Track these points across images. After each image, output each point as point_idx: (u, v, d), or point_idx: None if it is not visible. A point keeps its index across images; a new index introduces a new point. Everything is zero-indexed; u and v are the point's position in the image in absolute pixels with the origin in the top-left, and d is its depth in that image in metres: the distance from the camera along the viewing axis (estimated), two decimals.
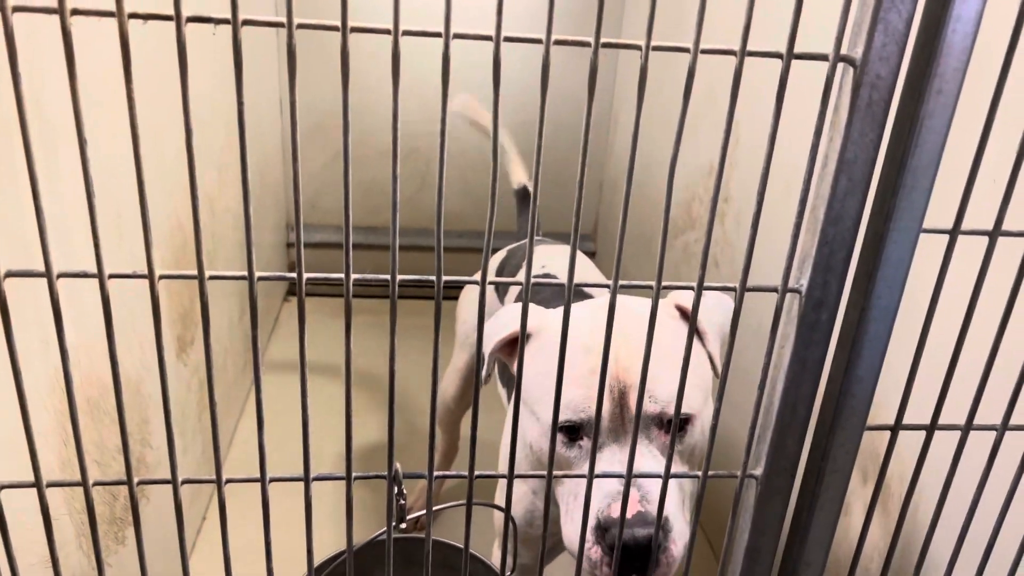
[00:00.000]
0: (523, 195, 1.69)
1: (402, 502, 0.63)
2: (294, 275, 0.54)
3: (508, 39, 0.48)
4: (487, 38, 0.48)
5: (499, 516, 1.08)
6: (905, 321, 0.70)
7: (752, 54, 0.51)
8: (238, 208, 1.97)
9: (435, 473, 0.61)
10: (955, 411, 0.67)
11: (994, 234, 0.58)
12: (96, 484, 0.60)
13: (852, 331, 0.60)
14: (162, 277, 0.54)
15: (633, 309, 0.89)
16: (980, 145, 0.55)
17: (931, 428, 0.65)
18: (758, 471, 0.65)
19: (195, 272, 0.54)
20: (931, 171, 0.55)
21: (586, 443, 0.87)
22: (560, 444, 0.88)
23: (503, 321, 0.95)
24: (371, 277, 0.56)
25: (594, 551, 0.82)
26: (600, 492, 0.82)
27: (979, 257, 0.59)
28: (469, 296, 1.52)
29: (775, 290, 0.59)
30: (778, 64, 0.51)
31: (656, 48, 0.50)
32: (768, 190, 0.55)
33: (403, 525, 0.63)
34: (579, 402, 0.85)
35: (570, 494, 0.88)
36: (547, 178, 2.59)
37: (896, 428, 0.65)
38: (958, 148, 0.64)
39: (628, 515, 0.79)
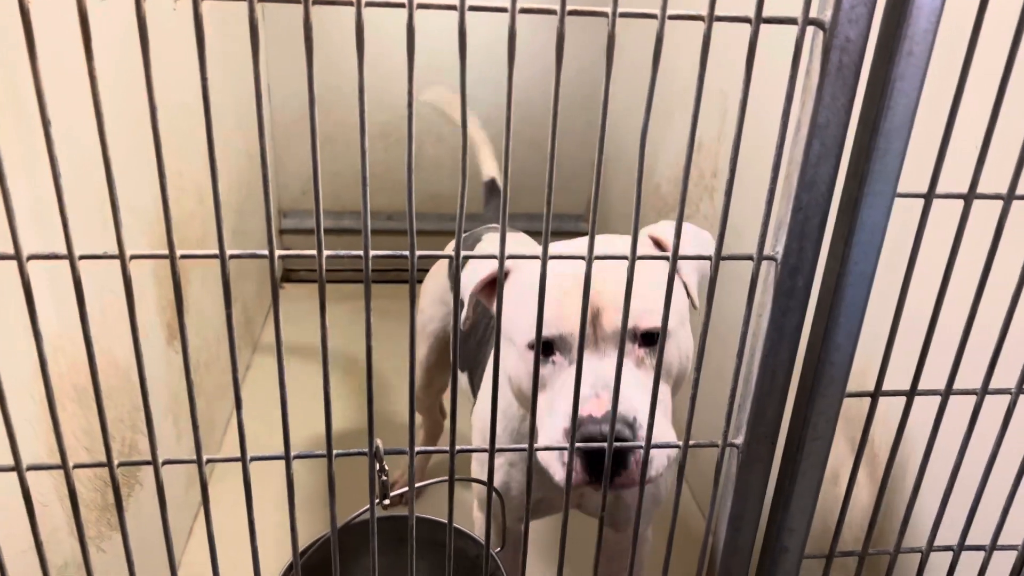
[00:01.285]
0: (491, 188, 1.71)
1: (384, 478, 0.63)
2: (265, 252, 0.54)
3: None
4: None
5: (476, 488, 1.08)
6: (885, 287, 0.70)
7: (720, 19, 0.51)
8: (228, 196, 1.97)
9: (416, 448, 0.61)
10: (937, 375, 0.67)
11: (969, 197, 0.58)
12: (77, 467, 0.60)
13: (829, 297, 0.60)
14: (133, 257, 0.54)
15: (609, 243, 0.92)
16: (953, 107, 0.55)
17: (911, 393, 0.65)
18: (739, 440, 0.66)
19: (167, 252, 0.54)
20: (904, 134, 0.55)
21: (559, 358, 0.88)
22: (531, 360, 0.89)
23: (480, 265, 0.98)
24: (344, 254, 0.56)
25: (566, 455, 0.81)
26: (569, 399, 0.83)
27: (955, 220, 0.59)
28: (429, 286, 1.57)
29: (751, 258, 0.59)
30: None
31: (623, 15, 0.49)
32: (751, 159, 0.55)
33: (386, 502, 0.64)
34: (552, 320, 0.86)
35: (544, 411, 0.88)
36: (538, 157, 2.58)
37: (876, 394, 0.65)
38: (931, 111, 0.64)
39: (597, 414, 0.79)
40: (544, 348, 0.88)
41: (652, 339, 0.87)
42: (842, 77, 0.53)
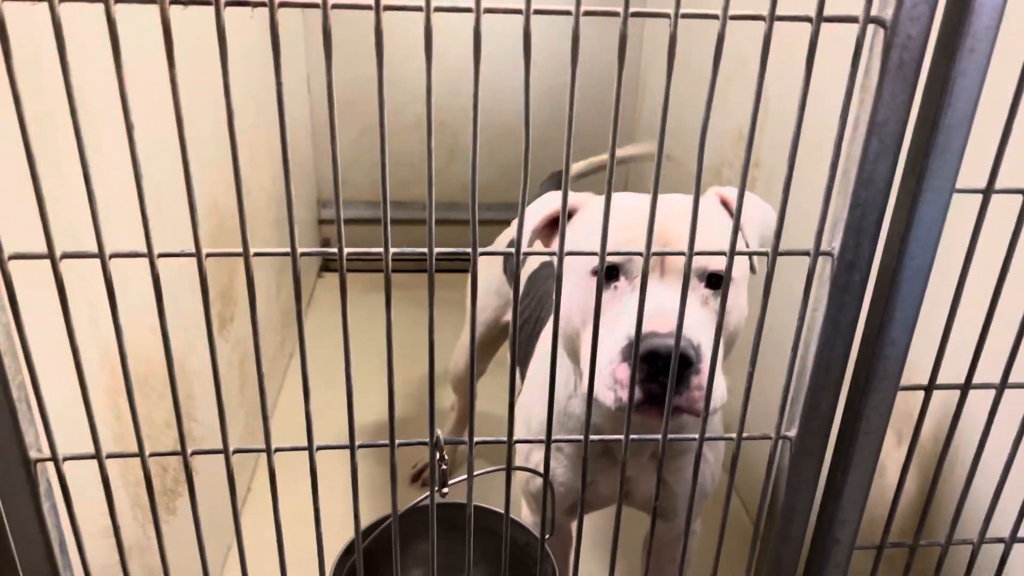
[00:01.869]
0: (554, 181, 1.73)
1: (443, 467, 0.65)
2: (334, 250, 0.56)
3: (538, 11, 0.49)
4: (517, 11, 0.49)
5: (519, 478, 1.09)
6: (939, 282, 0.70)
7: (781, 18, 0.51)
8: (271, 187, 2.00)
9: (475, 439, 0.63)
10: (990, 370, 0.67)
11: None
12: (152, 455, 0.63)
13: (885, 293, 0.61)
14: (209, 255, 0.56)
15: (675, 198, 0.92)
16: (1013, 103, 0.55)
17: (965, 387, 0.65)
18: (792, 432, 0.66)
19: (239, 250, 0.56)
20: (964, 130, 0.55)
21: (622, 283, 0.86)
22: (595, 285, 0.87)
23: (544, 202, 0.97)
24: (409, 251, 0.58)
25: (620, 370, 0.79)
26: (633, 315, 0.78)
27: (1013, 216, 0.59)
28: (482, 272, 1.56)
29: (807, 253, 0.59)
30: (807, 27, 0.51)
31: (684, 16, 0.50)
32: (800, 154, 0.56)
33: (445, 490, 0.65)
34: (618, 244, 0.84)
35: (603, 335, 0.82)
36: (576, 145, 2.58)
37: (930, 388, 0.65)
38: (991, 107, 0.64)
39: (661, 329, 0.76)
40: (607, 272, 0.86)
41: (716, 283, 0.86)
42: (902, 75, 0.53)
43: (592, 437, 0.65)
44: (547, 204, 0.95)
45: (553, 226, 0.96)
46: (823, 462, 0.67)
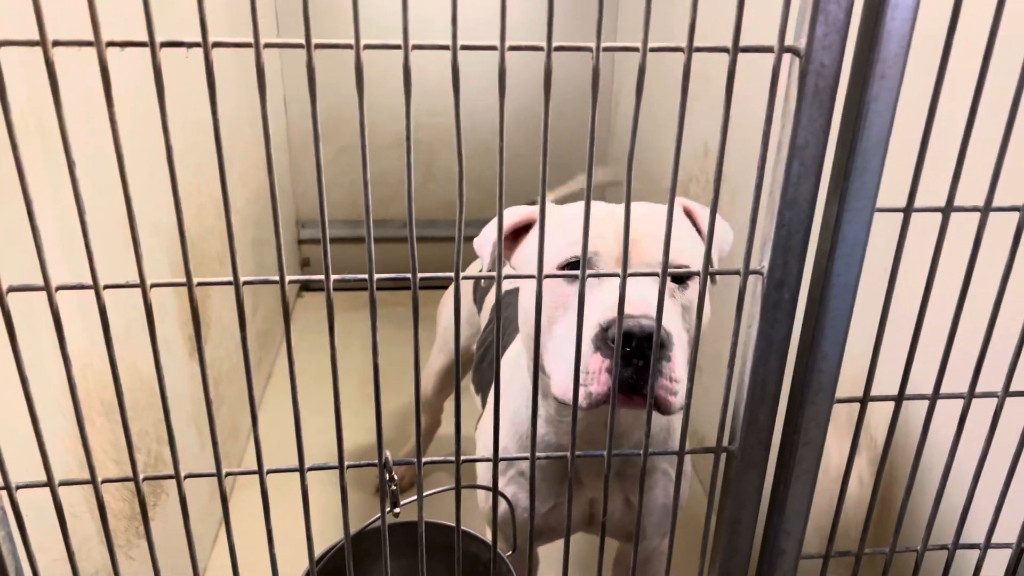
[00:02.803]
0: None
1: (394, 488, 0.67)
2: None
3: (513, 48, 0.51)
4: (492, 47, 0.51)
5: (482, 497, 1.11)
6: (876, 294, 0.72)
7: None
8: (247, 209, 2.02)
9: (423, 459, 0.65)
10: (925, 379, 0.69)
11: (947, 210, 0.61)
12: (105, 481, 0.64)
13: (815, 309, 0.63)
14: (153, 286, 0.58)
15: (640, 204, 0.93)
16: (927, 126, 0.57)
17: (899, 399, 0.67)
18: (734, 445, 0.68)
19: (184, 280, 0.57)
20: (880, 152, 0.57)
21: (588, 279, 0.86)
22: (562, 281, 0.86)
23: (509, 214, 0.98)
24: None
25: (593, 360, 0.78)
26: (601, 306, 0.80)
27: (936, 229, 0.62)
28: (450, 299, 1.60)
29: (738, 272, 0.61)
30: (761, 55, 0.53)
31: (653, 49, 0.53)
32: (739, 175, 0.58)
33: (397, 511, 0.67)
34: (582, 240, 0.84)
35: (562, 335, 0.84)
36: (554, 163, 2.61)
37: (865, 400, 0.67)
38: (912, 121, 0.66)
39: (636, 312, 0.76)
40: (573, 267, 0.88)
41: (680, 279, 0.87)
42: (818, 100, 0.55)
43: (539, 454, 0.66)
44: (506, 218, 0.97)
45: (516, 240, 0.99)
46: (765, 474, 0.69)
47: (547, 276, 0.60)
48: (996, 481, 0.72)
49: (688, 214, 0.98)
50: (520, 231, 0.99)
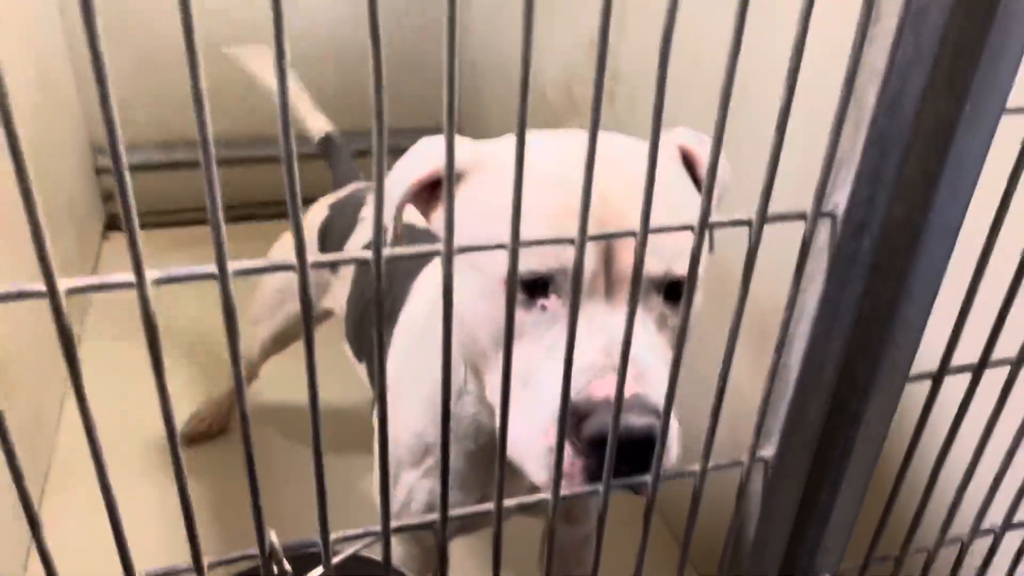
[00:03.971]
0: (326, 144, 1.47)
1: None
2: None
3: None
4: None
5: (397, 501, 0.88)
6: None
7: None
8: (20, 131, 1.58)
9: (331, 536, 0.41)
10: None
11: None
12: None
13: (900, 261, 0.43)
14: None
15: (622, 142, 0.66)
16: None
17: (980, 367, 0.50)
18: (768, 452, 0.49)
19: None
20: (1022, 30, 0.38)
21: (553, 303, 0.61)
22: (516, 306, 0.62)
23: (420, 158, 0.69)
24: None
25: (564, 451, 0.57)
26: (574, 364, 0.59)
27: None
28: (287, 244, 1.31)
29: (803, 217, 0.41)
30: None
31: None
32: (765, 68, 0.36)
33: None
34: (548, 247, 0.55)
35: (517, 380, 0.62)
36: (393, 70, 2.31)
37: (941, 374, 0.50)
38: None
39: (624, 395, 0.54)
40: (531, 288, 0.62)
41: (677, 293, 0.64)
42: None
43: (451, 510, 0.45)
44: (422, 161, 0.69)
45: (432, 191, 0.70)
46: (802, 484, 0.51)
47: (462, 251, 0.37)
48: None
49: (686, 157, 0.71)
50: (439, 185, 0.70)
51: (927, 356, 0.49)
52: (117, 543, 0.38)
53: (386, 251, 0.35)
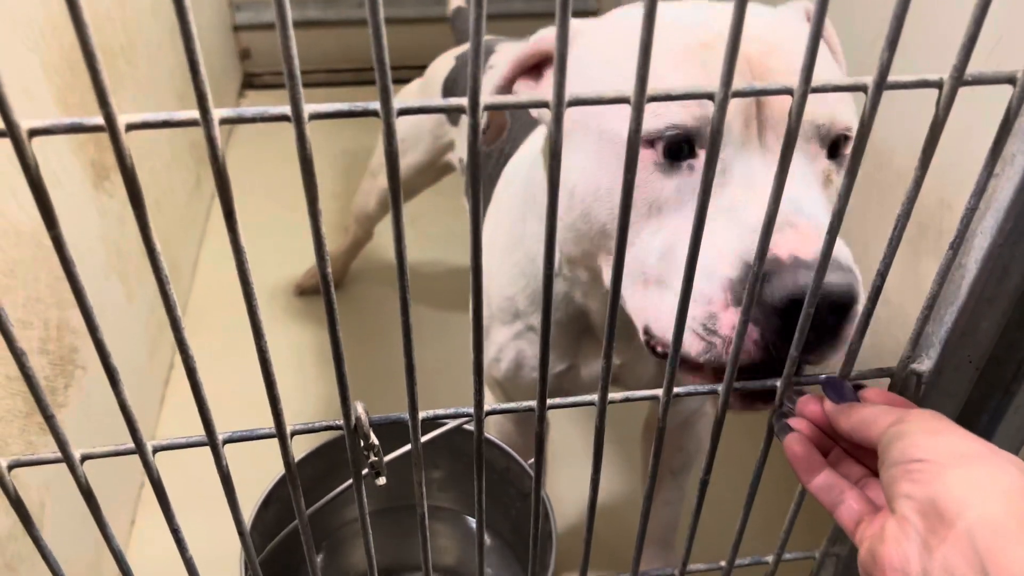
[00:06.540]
0: (456, 15, 1.42)
1: (375, 457, 0.40)
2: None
3: None
4: None
5: (488, 361, 0.86)
6: None
7: None
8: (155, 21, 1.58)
9: (419, 414, 0.38)
10: None
11: None
12: None
13: None
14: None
15: (752, 7, 0.58)
16: None
17: None
18: (924, 365, 0.42)
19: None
20: None
21: (700, 163, 0.54)
22: (654, 170, 0.55)
23: (528, 42, 0.64)
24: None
25: (726, 316, 0.49)
26: (739, 226, 0.51)
27: None
28: (415, 103, 1.26)
29: (1010, 81, 0.32)
30: None
31: None
32: None
33: (381, 480, 0.41)
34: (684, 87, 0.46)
35: (664, 250, 0.55)
36: None
37: None
38: None
39: (805, 254, 0.46)
40: (671, 149, 0.54)
41: (836, 149, 0.56)
42: None
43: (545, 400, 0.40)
44: (529, 42, 0.63)
45: (538, 69, 0.64)
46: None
47: (573, 103, 0.31)
48: None
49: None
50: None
51: None
52: (266, 383, 0.36)
53: (485, 98, 0.30)
